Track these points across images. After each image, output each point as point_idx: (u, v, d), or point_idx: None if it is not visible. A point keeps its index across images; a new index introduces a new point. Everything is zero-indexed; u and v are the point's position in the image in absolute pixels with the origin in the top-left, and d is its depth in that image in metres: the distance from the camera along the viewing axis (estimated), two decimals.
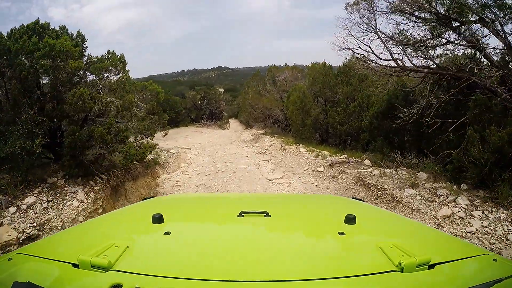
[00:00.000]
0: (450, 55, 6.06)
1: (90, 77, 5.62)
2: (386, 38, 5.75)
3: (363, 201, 1.62)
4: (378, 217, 1.31)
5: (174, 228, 1.02)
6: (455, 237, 1.19)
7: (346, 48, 5.64)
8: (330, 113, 9.94)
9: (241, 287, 0.65)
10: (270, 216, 1.05)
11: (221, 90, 31.37)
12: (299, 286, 0.66)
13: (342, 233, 0.91)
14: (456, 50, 5.96)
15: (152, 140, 6.18)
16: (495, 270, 0.76)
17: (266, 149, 10.46)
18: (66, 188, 4.97)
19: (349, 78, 10.31)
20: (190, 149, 11.67)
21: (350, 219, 0.99)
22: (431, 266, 0.72)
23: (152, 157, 8.10)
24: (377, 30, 5.61)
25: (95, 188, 5.15)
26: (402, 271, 0.69)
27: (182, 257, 0.82)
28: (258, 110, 15.37)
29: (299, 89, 11.14)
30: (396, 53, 5.73)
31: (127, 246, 0.80)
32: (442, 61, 6.45)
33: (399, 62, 5.50)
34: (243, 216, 1.06)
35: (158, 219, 1.00)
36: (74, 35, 5.58)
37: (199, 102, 21.88)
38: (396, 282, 0.68)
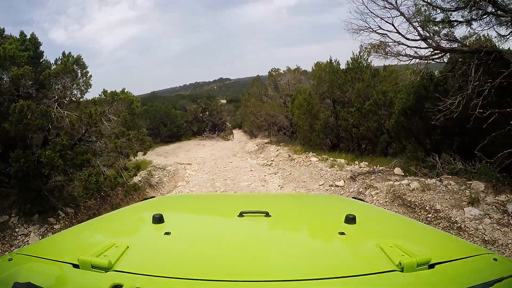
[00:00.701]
0: (487, 30, 4.91)
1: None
2: (410, 15, 4.62)
3: (363, 200, 1.52)
4: (378, 217, 1.26)
5: (174, 228, 0.99)
6: (455, 237, 1.14)
7: (364, 29, 4.48)
8: (342, 115, 8.73)
9: (241, 287, 0.63)
10: (270, 216, 1.03)
11: (223, 101, 30.79)
12: (299, 286, 0.64)
13: (342, 233, 0.89)
14: (491, 25, 4.84)
15: (131, 160, 5.08)
16: (496, 270, 0.73)
17: (272, 160, 9.36)
18: (17, 230, 3.91)
19: (360, 74, 9.13)
20: (190, 164, 10.64)
21: (350, 219, 0.96)
22: (432, 266, 0.69)
23: (140, 178, 7.06)
24: (398, 5, 4.49)
25: (55, 227, 4.05)
26: (402, 271, 0.67)
27: (182, 257, 0.80)
28: (261, 118, 14.25)
29: (304, 91, 10.00)
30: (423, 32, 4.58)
31: (127, 246, 0.79)
32: (472, 40, 5.33)
33: (430, 41, 4.33)
34: (243, 216, 1.03)
35: (158, 219, 0.98)
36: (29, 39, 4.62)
37: (201, 115, 21.07)
38: (397, 282, 0.65)
